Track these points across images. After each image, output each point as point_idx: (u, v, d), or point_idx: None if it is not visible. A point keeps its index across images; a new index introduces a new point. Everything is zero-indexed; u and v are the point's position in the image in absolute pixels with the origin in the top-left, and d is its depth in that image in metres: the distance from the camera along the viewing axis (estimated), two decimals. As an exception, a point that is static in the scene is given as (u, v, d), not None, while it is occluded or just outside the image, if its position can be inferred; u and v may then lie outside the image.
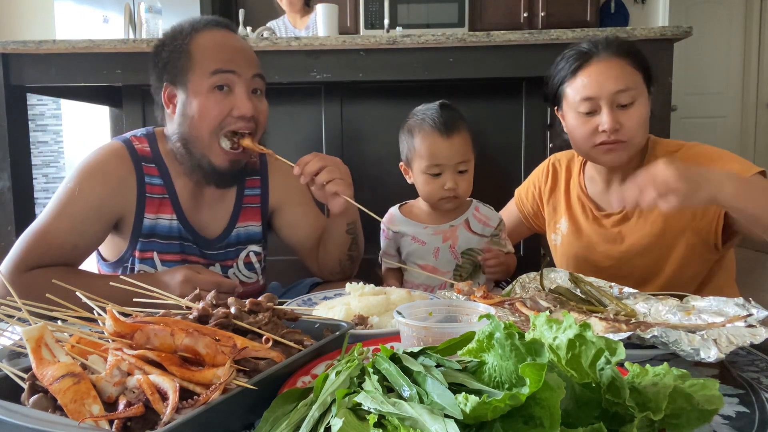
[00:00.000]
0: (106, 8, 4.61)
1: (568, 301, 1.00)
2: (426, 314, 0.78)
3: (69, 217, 1.16)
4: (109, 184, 1.19)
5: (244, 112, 1.16)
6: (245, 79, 1.18)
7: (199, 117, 1.16)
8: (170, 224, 1.24)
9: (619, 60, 1.25)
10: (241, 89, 1.17)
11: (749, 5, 5.48)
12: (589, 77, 1.25)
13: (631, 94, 1.23)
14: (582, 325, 0.49)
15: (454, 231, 1.36)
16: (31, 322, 0.60)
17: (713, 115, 5.62)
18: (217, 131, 1.17)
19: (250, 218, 1.35)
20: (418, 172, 1.33)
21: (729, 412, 0.62)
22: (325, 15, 2.42)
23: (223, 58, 1.17)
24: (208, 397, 0.53)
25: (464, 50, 1.94)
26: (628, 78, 1.24)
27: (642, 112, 1.25)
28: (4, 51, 1.94)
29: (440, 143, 1.29)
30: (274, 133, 2.27)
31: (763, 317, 0.82)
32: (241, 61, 1.18)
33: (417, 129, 1.32)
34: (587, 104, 1.25)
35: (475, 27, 4.62)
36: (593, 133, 1.26)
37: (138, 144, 1.25)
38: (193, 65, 1.17)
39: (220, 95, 1.16)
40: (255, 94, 1.22)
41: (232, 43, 1.21)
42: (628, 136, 1.24)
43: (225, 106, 1.16)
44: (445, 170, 1.30)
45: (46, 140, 5.63)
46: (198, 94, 1.16)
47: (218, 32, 1.21)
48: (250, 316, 0.74)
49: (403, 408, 0.46)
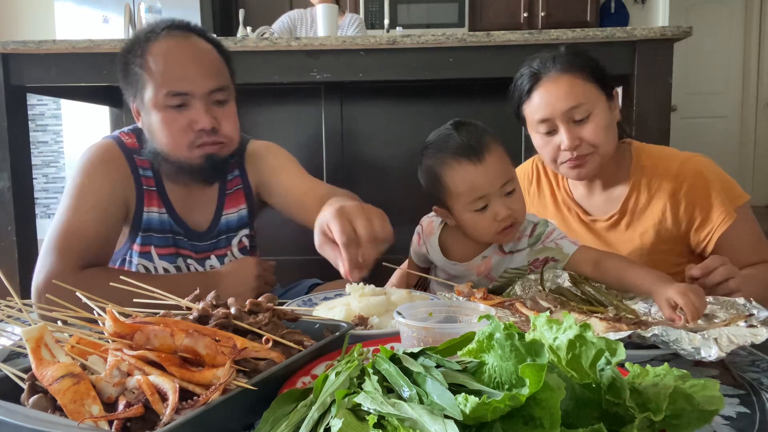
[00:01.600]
0: (106, 8, 4.62)
1: (569, 302, 1.00)
2: (426, 315, 0.78)
3: (90, 209, 1.15)
4: (114, 175, 1.20)
5: (203, 126, 1.13)
6: (201, 95, 1.13)
7: (161, 134, 1.15)
8: (161, 217, 1.25)
9: (567, 76, 1.24)
10: (197, 105, 1.13)
11: (749, 5, 5.48)
12: (541, 98, 1.26)
13: (585, 108, 1.22)
14: (582, 325, 0.49)
15: (488, 263, 1.20)
16: (31, 323, 0.60)
17: (713, 115, 5.62)
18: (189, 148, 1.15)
19: (236, 203, 1.34)
20: (460, 212, 1.14)
21: (730, 413, 0.62)
22: (325, 15, 2.42)
23: (175, 76, 1.12)
24: (208, 398, 0.53)
25: (464, 50, 1.94)
26: (578, 93, 1.22)
27: (599, 122, 1.23)
28: (4, 51, 1.95)
29: (474, 172, 1.08)
30: (274, 133, 2.28)
31: (764, 317, 0.82)
32: (195, 77, 1.13)
33: (440, 164, 1.12)
34: (544, 125, 1.26)
35: (475, 27, 4.62)
36: (556, 152, 1.27)
37: (128, 139, 1.25)
38: (147, 84, 1.14)
39: (176, 113, 1.13)
40: (218, 105, 1.17)
41: (184, 56, 1.14)
42: (590, 148, 1.24)
43: (183, 122, 1.13)
44: (492, 199, 1.09)
45: (46, 140, 5.63)
46: (155, 113, 1.14)
47: (171, 42, 1.15)
48: (250, 317, 0.74)
49: (402, 409, 0.46)
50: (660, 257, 1.29)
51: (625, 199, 1.32)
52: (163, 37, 1.15)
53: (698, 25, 3.24)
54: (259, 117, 2.31)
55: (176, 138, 1.14)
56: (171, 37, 1.15)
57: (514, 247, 1.18)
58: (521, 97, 1.31)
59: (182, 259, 1.26)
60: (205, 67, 1.15)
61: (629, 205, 1.32)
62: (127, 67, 1.17)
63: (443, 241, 1.23)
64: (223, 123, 1.16)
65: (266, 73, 1.95)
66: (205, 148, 1.16)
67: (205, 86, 1.13)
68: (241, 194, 1.34)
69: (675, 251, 1.30)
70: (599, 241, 1.35)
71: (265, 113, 2.29)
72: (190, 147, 1.15)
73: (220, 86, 1.16)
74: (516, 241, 1.18)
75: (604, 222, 1.35)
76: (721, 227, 1.23)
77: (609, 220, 1.34)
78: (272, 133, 2.29)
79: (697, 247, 1.29)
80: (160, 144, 1.17)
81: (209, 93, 1.14)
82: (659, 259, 1.28)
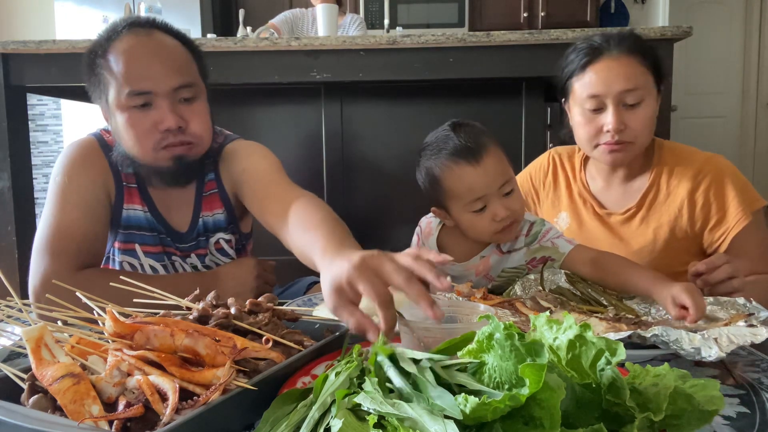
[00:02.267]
0: (106, 8, 4.61)
1: (569, 302, 1.00)
2: (426, 315, 0.78)
3: (75, 207, 1.13)
4: (94, 172, 1.17)
5: (168, 126, 1.08)
6: (164, 93, 1.08)
7: (126, 136, 1.11)
8: (145, 216, 1.23)
9: (630, 58, 1.22)
10: (162, 103, 1.08)
11: (749, 5, 5.48)
12: (597, 74, 1.23)
13: (639, 93, 1.20)
14: (582, 325, 0.49)
15: (486, 262, 1.21)
16: (31, 323, 0.60)
17: (713, 115, 5.62)
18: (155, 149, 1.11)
19: (213, 206, 1.28)
20: (459, 213, 1.14)
21: (730, 413, 0.62)
22: (325, 15, 2.42)
23: (135, 75, 1.07)
24: (208, 398, 0.53)
25: (464, 50, 1.94)
26: (637, 77, 1.21)
27: (648, 113, 1.23)
28: (4, 51, 1.94)
29: (473, 173, 1.09)
30: (275, 133, 2.28)
31: (764, 317, 0.82)
32: (157, 74, 1.08)
33: (438, 166, 1.13)
34: (593, 101, 1.23)
35: (475, 27, 4.62)
36: (597, 132, 1.24)
37: (108, 136, 1.23)
38: (110, 85, 1.09)
39: (140, 113, 1.09)
40: (185, 104, 1.12)
41: (144, 54, 1.09)
42: (633, 136, 1.23)
43: (147, 122, 1.09)
44: (490, 200, 1.10)
45: (46, 140, 5.63)
46: (119, 114, 1.10)
47: (131, 39, 1.09)
48: (250, 317, 0.74)
49: (402, 409, 0.46)
50: (671, 255, 1.28)
51: (644, 193, 1.31)
52: (124, 35, 1.10)
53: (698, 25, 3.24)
54: (259, 117, 2.31)
55: (141, 140, 1.10)
56: (132, 34, 1.10)
57: (512, 247, 1.18)
58: (574, 69, 1.27)
59: (167, 257, 1.25)
60: (168, 63, 1.10)
61: (647, 199, 1.31)
62: (91, 69, 1.13)
63: (441, 241, 1.23)
64: (191, 122, 1.11)
65: (266, 73, 1.95)
66: (172, 150, 1.11)
67: (168, 84, 1.08)
68: (216, 198, 1.27)
69: (687, 250, 1.29)
70: (612, 235, 1.34)
71: (265, 113, 2.29)
72: (155, 149, 1.10)
73: (186, 83, 1.11)
74: (513, 240, 1.18)
75: (619, 216, 1.34)
76: (736, 228, 1.22)
77: (624, 214, 1.33)
78: (272, 133, 2.29)
79: (709, 248, 1.28)
80: (127, 147, 1.13)
81: (174, 90, 1.09)
82: (670, 257, 1.28)
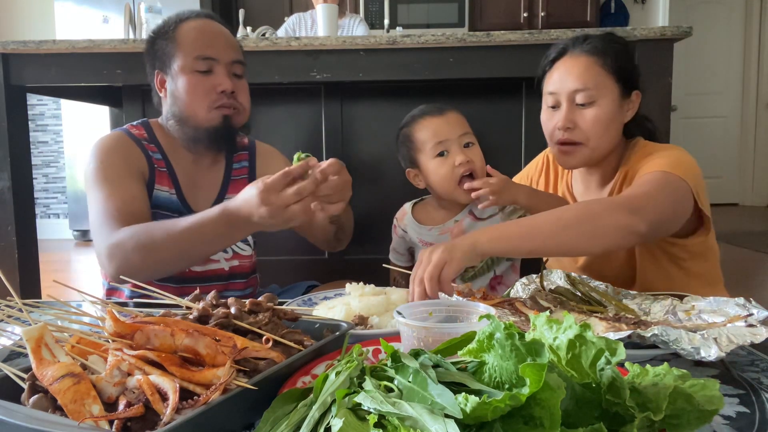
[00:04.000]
0: (106, 8, 4.62)
1: (569, 302, 1.00)
2: (426, 314, 0.78)
3: (121, 187, 1.22)
4: (129, 156, 1.29)
5: (225, 88, 1.27)
6: (224, 63, 1.29)
7: (186, 96, 1.27)
8: (170, 197, 1.32)
9: (589, 58, 1.22)
10: (220, 70, 1.28)
11: (749, 5, 5.49)
12: (556, 72, 1.25)
13: (590, 94, 1.20)
14: (582, 325, 0.49)
15: (459, 225, 1.35)
16: (31, 322, 0.60)
17: (713, 115, 5.63)
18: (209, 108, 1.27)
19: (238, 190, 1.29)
20: (426, 164, 1.33)
21: (729, 413, 0.62)
22: (325, 15, 2.42)
23: (203, 44, 1.28)
24: (208, 398, 0.53)
25: (464, 50, 1.94)
26: (590, 78, 1.20)
27: (600, 114, 1.21)
28: (4, 51, 1.94)
29: (436, 121, 1.31)
30: (275, 133, 2.28)
31: (763, 317, 0.82)
32: (220, 48, 1.29)
33: (410, 124, 1.35)
34: (550, 98, 1.26)
35: (475, 27, 4.63)
36: (554, 130, 1.25)
37: (136, 131, 1.35)
38: (177, 52, 1.28)
39: (202, 77, 1.27)
40: (235, 77, 1.31)
41: (212, 30, 1.31)
42: (582, 137, 1.22)
43: (207, 84, 1.27)
44: (451, 146, 1.30)
45: (46, 140, 5.63)
46: (183, 77, 1.27)
47: (201, 21, 1.32)
48: (250, 317, 0.74)
49: (403, 408, 0.46)
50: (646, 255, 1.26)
51: (609, 194, 1.29)
52: (192, 19, 1.32)
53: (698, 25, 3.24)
54: (259, 117, 2.30)
55: (200, 98, 1.27)
56: (199, 18, 1.33)
57: (484, 214, 1.36)
58: (544, 69, 1.30)
59: None
60: (229, 41, 1.33)
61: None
62: (154, 45, 1.33)
63: (417, 216, 1.41)
64: (239, 93, 1.31)
65: (266, 73, 1.95)
66: (223, 110, 1.28)
67: (228, 56, 1.30)
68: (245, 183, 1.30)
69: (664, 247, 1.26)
70: None
71: (265, 113, 2.29)
72: (209, 108, 1.27)
73: (240, 60, 1.32)
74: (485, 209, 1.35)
75: None
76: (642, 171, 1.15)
77: None
78: (272, 133, 2.28)
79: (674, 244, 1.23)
80: (183, 106, 1.28)
81: (231, 63, 1.30)
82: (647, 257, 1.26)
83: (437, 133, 1.30)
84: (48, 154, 5.66)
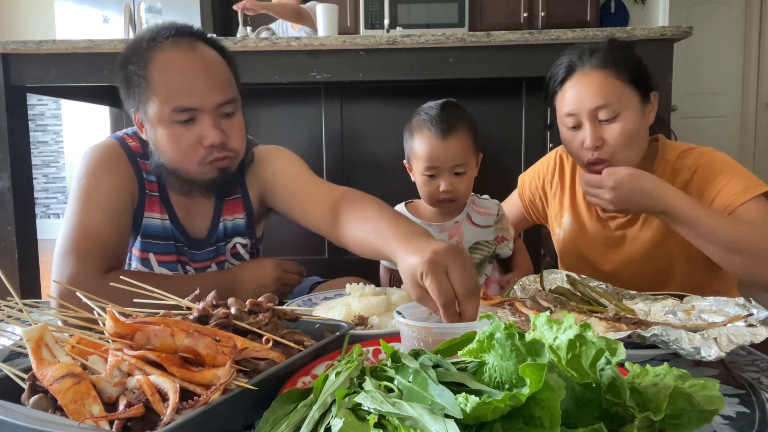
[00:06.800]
0: (106, 8, 4.62)
1: (569, 302, 1.00)
2: (426, 314, 0.78)
3: (100, 209, 1.12)
4: (119, 175, 1.17)
5: (212, 141, 1.09)
6: (209, 109, 1.09)
7: (170, 151, 1.12)
8: (163, 224, 1.22)
9: (602, 72, 1.19)
10: (206, 119, 1.09)
11: (749, 5, 5.48)
12: (570, 91, 1.22)
13: (612, 109, 1.17)
14: (582, 325, 0.49)
15: (458, 227, 1.36)
16: (32, 323, 0.60)
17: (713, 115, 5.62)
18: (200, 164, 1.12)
19: (234, 211, 1.29)
20: (417, 172, 1.34)
21: (729, 413, 0.62)
22: (325, 15, 2.42)
23: (182, 91, 1.08)
24: (209, 398, 0.53)
25: (464, 50, 1.94)
26: (609, 92, 1.18)
27: (626, 126, 1.18)
28: (4, 51, 1.94)
29: (436, 145, 1.27)
30: (275, 133, 2.28)
31: (763, 317, 0.82)
32: (203, 92, 1.08)
33: (417, 129, 1.32)
34: (570, 119, 1.22)
35: (475, 27, 4.62)
36: (580, 149, 1.24)
37: (131, 142, 1.23)
38: (152, 96, 1.09)
39: (184, 129, 1.09)
40: (226, 118, 1.13)
41: (192, 68, 1.09)
42: (610, 152, 1.20)
43: (191, 138, 1.10)
44: (441, 172, 1.29)
45: (46, 140, 5.64)
46: (161, 129, 1.10)
47: (178, 52, 1.09)
48: (250, 317, 0.74)
49: (403, 408, 0.46)
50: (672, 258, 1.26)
51: None
52: (167, 47, 1.09)
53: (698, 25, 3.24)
54: (259, 117, 2.31)
55: (185, 154, 1.11)
56: (176, 46, 1.10)
57: (485, 222, 1.38)
58: (555, 87, 1.27)
59: (181, 266, 1.24)
60: (213, 79, 1.11)
61: None
62: (128, 76, 1.12)
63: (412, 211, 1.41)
64: (231, 137, 1.13)
65: (266, 73, 1.95)
66: (217, 164, 1.13)
67: (213, 100, 1.09)
68: (239, 203, 1.30)
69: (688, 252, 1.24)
70: (612, 238, 1.33)
71: (265, 113, 2.29)
72: (200, 163, 1.12)
73: (229, 99, 1.12)
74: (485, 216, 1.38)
75: (622, 219, 1.31)
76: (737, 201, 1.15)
77: (627, 217, 1.30)
78: (272, 133, 2.28)
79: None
80: (168, 160, 1.14)
81: (217, 107, 1.10)
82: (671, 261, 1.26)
83: (432, 158, 1.28)
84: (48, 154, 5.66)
